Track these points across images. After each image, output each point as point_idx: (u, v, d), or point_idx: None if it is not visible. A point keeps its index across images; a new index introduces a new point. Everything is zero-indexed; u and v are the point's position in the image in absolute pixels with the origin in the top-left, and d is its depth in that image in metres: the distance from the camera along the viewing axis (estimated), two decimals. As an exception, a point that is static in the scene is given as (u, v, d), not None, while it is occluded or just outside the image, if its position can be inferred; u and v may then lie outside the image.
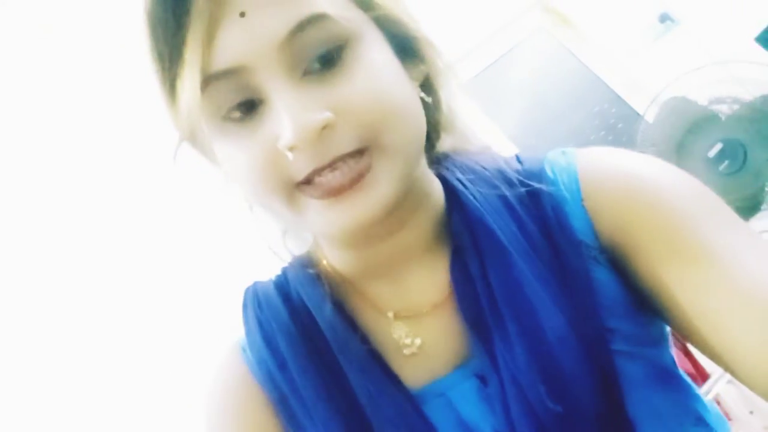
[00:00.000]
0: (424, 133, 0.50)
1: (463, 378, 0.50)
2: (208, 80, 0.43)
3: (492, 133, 2.28)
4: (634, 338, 0.49)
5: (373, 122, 0.43)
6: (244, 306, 0.58)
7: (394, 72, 0.47)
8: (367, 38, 0.46)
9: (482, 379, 0.49)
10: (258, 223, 0.55)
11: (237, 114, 0.44)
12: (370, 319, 0.54)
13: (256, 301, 0.57)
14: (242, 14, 0.42)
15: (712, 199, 0.49)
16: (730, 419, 1.64)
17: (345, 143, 0.43)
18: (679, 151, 1.88)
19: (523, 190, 0.53)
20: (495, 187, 0.54)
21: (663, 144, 1.89)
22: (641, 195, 0.49)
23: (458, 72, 0.56)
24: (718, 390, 1.69)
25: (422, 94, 0.52)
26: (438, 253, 0.54)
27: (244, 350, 0.56)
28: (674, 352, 0.54)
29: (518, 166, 0.56)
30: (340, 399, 0.50)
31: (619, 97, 2.32)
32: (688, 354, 1.75)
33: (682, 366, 0.61)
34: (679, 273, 0.46)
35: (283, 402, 0.53)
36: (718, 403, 1.67)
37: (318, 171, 0.43)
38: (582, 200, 0.51)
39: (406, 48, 0.50)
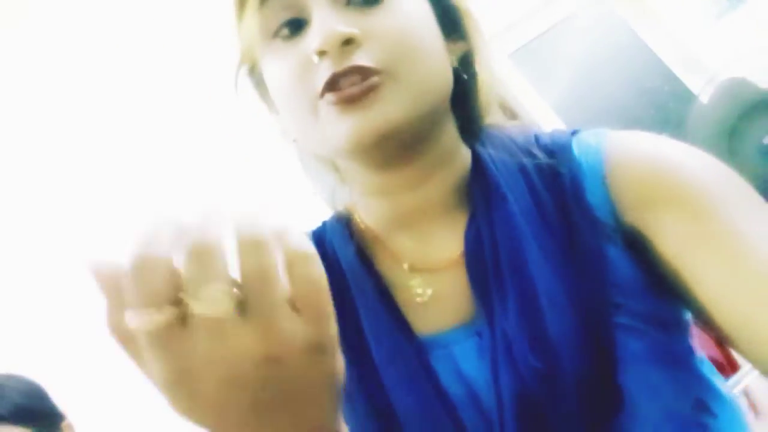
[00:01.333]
0: (444, 89, 0.54)
1: (466, 334, 0.53)
2: (264, 1, 0.52)
3: (538, 106, 2.23)
4: (642, 316, 0.50)
5: (394, 52, 0.50)
6: None
7: (427, 26, 0.53)
8: None
9: (482, 338, 0.52)
10: (311, 179, 0.63)
11: (285, 31, 0.52)
12: (389, 268, 0.59)
13: None
14: None
15: (738, 185, 0.50)
16: (757, 412, 1.61)
17: (363, 58, 0.49)
18: (731, 135, 1.81)
19: (544, 162, 0.56)
20: (518, 158, 0.57)
21: (715, 127, 1.82)
22: (666, 177, 0.50)
23: (507, 41, 0.61)
24: (747, 382, 1.66)
25: (458, 70, 0.57)
26: (458, 215, 0.57)
27: None
28: (704, 339, 0.54)
29: (547, 141, 0.58)
30: (351, 337, 0.54)
31: (673, 74, 2.24)
32: (720, 343, 1.72)
33: (712, 354, 0.61)
34: (701, 257, 0.47)
35: None
36: (747, 395, 1.64)
37: (337, 76, 0.49)
38: (604, 178, 0.53)
39: (449, 20, 0.56)
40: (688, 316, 0.53)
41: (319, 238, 0.64)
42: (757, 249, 0.44)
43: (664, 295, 0.51)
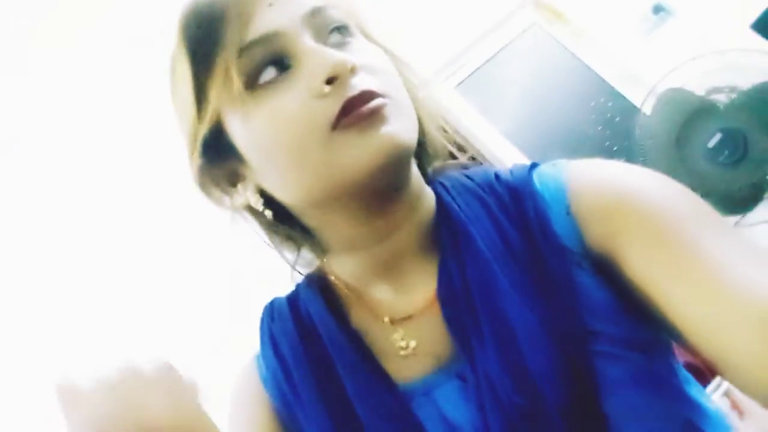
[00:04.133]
0: (417, 125, 0.55)
1: (447, 378, 0.53)
2: (243, 49, 0.49)
3: (489, 134, 2.27)
4: (620, 341, 0.50)
5: (385, 79, 0.52)
6: (261, 320, 0.64)
7: (392, 67, 0.56)
8: (360, 34, 0.56)
9: (463, 379, 0.52)
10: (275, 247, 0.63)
11: (272, 73, 0.50)
12: (369, 325, 0.58)
13: (270, 315, 0.63)
14: (270, 4, 0.51)
15: (700, 206, 0.51)
16: (741, 413, 1.61)
17: (369, 83, 0.50)
18: (678, 142, 1.86)
19: (506, 198, 0.56)
20: (480, 197, 0.57)
21: (661, 136, 1.87)
22: (629, 203, 0.50)
23: (452, 73, 0.63)
24: (728, 384, 1.67)
25: None
26: (428, 259, 0.57)
27: (258, 361, 0.63)
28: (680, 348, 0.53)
29: (508, 177, 0.59)
30: (334, 401, 0.54)
31: (615, 90, 2.31)
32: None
33: (690, 361, 0.60)
34: (668, 280, 0.47)
35: (287, 407, 0.59)
36: (728, 396, 1.65)
37: (350, 103, 0.48)
38: (568, 207, 0.53)
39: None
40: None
41: (293, 302, 0.63)
42: (723, 269, 0.44)
43: (640, 318, 0.51)
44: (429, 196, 0.60)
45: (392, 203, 0.55)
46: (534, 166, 0.59)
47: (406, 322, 0.57)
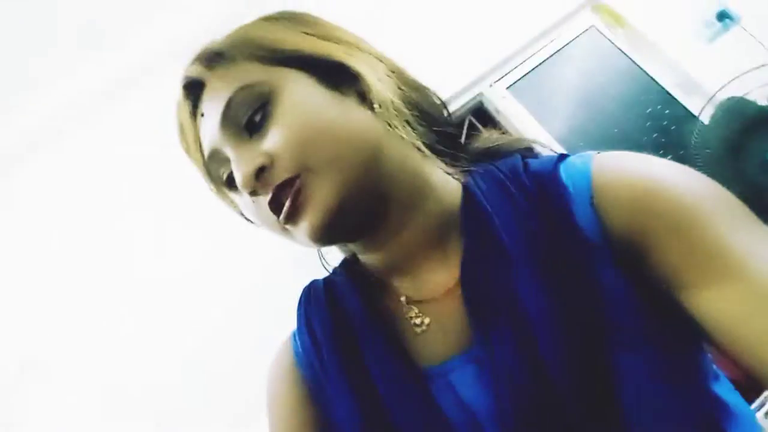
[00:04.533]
0: (369, 144, 0.56)
1: (465, 362, 0.55)
2: (206, 161, 0.60)
3: (540, 137, 2.25)
4: (639, 334, 0.50)
5: (299, 153, 0.54)
6: (299, 300, 0.68)
7: (319, 102, 0.56)
8: (288, 85, 0.56)
9: (480, 365, 0.53)
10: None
11: (229, 183, 0.60)
12: (390, 306, 0.62)
13: (308, 296, 0.67)
14: (202, 115, 0.59)
15: (732, 203, 0.50)
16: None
17: (279, 175, 0.54)
18: (735, 153, 1.82)
19: (532, 189, 0.57)
20: (505, 187, 0.58)
21: (718, 146, 1.83)
22: (655, 196, 0.50)
23: (506, 74, 0.64)
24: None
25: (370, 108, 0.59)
26: (449, 246, 0.60)
27: (293, 338, 0.67)
28: (725, 361, 0.53)
29: (536, 167, 0.59)
30: (357, 376, 0.57)
31: (673, 97, 2.26)
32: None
33: (733, 377, 0.60)
34: (695, 276, 0.47)
35: (317, 382, 0.62)
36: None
37: (274, 207, 0.55)
38: (592, 198, 0.53)
39: (334, 74, 0.58)
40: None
41: (329, 285, 0.67)
42: (756, 267, 0.44)
43: (663, 312, 0.51)
44: (449, 190, 0.62)
45: (378, 221, 0.59)
46: (563, 157, 0.59)
47: (423, 303, 0.60)
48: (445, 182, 0.62)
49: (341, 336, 0.60)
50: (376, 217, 0.58)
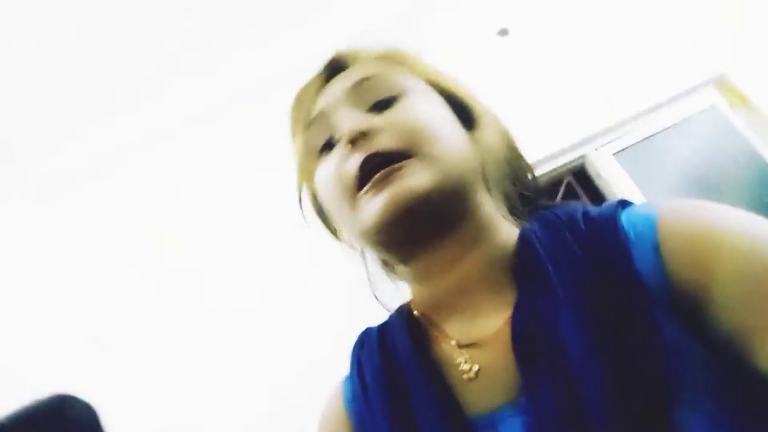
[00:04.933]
0: (467, 167, 0.60)
1: (513, 413, 0.53)
2: (308, 125, 0.64)
3: (641, 206, 2.16)
4: (702, 388, 0.47)
5: (409, 134, 0.57)
6: (354, 346, 0.70)
7: (438, 113, 0.62)
8: (420, 93, 0.62)
9: (528, 416, 0.51)
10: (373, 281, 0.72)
11: (324, 150, 0.63)
12: (440, 351, 0.61)
13: (361, 342, 0.69)
14: (330, 84, 0.66)
15: None
16: None
17: (386, 143, 0.57)
18: None
19: (588, 235, 0.56)
20: (561, 233, 0.57)
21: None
22: (725, 250, 0.49)
23: (615, 139, 0.65)
24: None
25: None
26: (501, 291, 0.59)
27: (345, 384, 0.68)
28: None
29: (595, 214, 0.58)
30: (403, 424, 0.56)
31: (793, 190, 2.12)
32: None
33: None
34: (763, 331, 0.45)
35: (363, 427, 0.62)
36: None
37: (365, 164, 0.56)
38: (657, 244, 0.52)
39: (465, 116, 0.65)
40: None
41: (383, 331, 0.67)
42: None
43: (730, 367, 0.48)
44: (508, 230, 0.63)
45: (441, 238, 0.59)
46: (625, 203, 0.59)
47: (473, 348, 0.58)
48: (506, 227, 0.63)
49: (390, 382, 0.60)
50: (446, 232, 0.59)
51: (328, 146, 0.62)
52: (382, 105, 0.61)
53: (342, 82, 0.64)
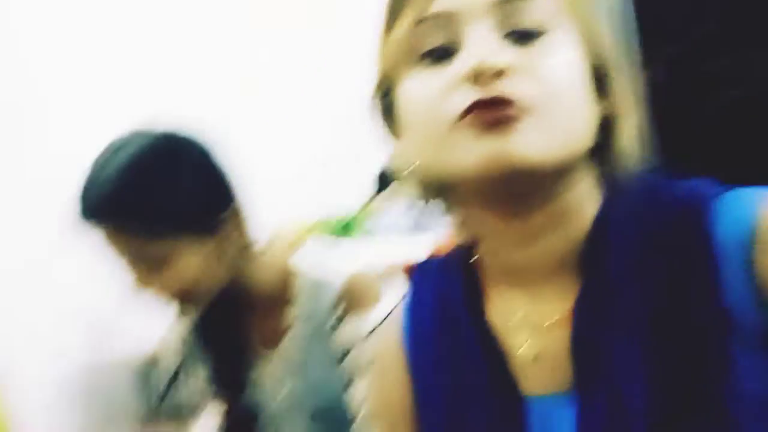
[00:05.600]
0: (584, 139, 0.51)
1: (566, 404, 0.51)
2: (421, 20, 0.50)
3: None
4: None
5: (542, 89, 0.47)
6: (414, 275, 0.66)
7: (577, 73, 0.50)
8: (567, 39, 0.50)
9: (576, 410, 0.50)
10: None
11: (434, 56, 0.50)
12: (501, 324, 0.56)
13: (421, 277, 0.65)
14: None
15: None
16: None
17: (512, 90, 0.46)
18: None
19: (672, 235, 0.50)
20: (643, 229, 0.51)
21: None
22: None
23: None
24: None
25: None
26: (568, 276, 0.54)
27: (404, 313, 0.64)
28: None
29: (683, 204, 0.51)
30: (456, 388, 0.56)
31: None
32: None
33: None
34: None
35: (416, 367, 0.61)
36: None
37: (478, 104, 0.46)
38: (751, 260, 0.45)
39: (598, 78, 0.53)
40: None
41: (441, 272, 0.63)
42: None
43: None
44: (592, 210, 0.55)
45: (532, 209, 0.51)
46: (719, 191, 0.51)
47: (533, 332, 0.55)
48: (589, 204, 0.55)
49: (446, 338, 0.58)
50: (539, 204, 0.51)
51: (439, 54, 0.50)
52: (524, 35, 0.49)
53: None
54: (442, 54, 0.50)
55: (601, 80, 0.53)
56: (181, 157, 0.91)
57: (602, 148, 0.53)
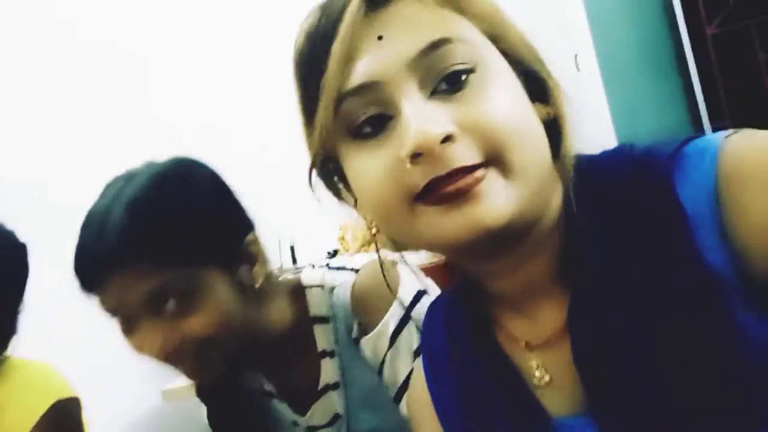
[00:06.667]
0: (547, 165, 0.50)
1: (586, 423, 0.50)
2: (343, 97, 0.48)
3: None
4: None
5: (496, 141, 0.45)
6: (423, 325, 0.67)
7: (520, 101, 0.49)
8: (494, 67, 0.49)
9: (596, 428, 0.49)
10: None
11: (368, 129, 0.48)
12: (510, 350, 0.56)
13: (429, 321, 0.66)
14: (380, 38, 0.47)
15: None
16: None
17: (465, 156, 0.45)
18: None
19: (640, 205, 0.47)
20: (610, 211, 0.49)
21: None
22: None
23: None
24: None
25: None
26: (563, 290, 0.52)
27: (423, 358, 0.65)
28: None
29: (644, 167, 0.49)
30: (476, 421, 0.56)
31: None
32: None
33: None
34: None
35: (438, 401, 0.61)
36: None
37: (436, 180, 0.45)
38: (719, 214, 0.43)
39: (533, 87, 0.52)
40: None
41: (447, 312, 0.63)
42: None
43: None
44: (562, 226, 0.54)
45: (510, 249, 0.50)
46: (680, 150, 0.47)
47: (540, 350, 0.54)
48: (561, 218, 0.53)
49: (459, 377, 0.58)
50: (519, 243, 0.50)
51: (374, 124, 0.48)
52: (453, 80, 0.46)
53: (396, 44, 0.47)
54: (375, 126, 0.48)
55: (536, 87, 0.52)
56: (196, 179, 0.81)
57: (552, 149, 0.51)
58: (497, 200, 0.45)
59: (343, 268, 0.90)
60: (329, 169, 0.56)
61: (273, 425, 0.97)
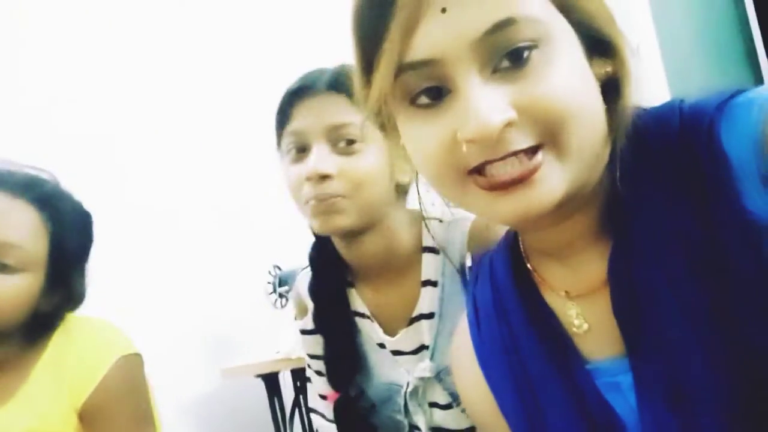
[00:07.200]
0: (602, 140, 0.49)
1: (626, 367, 0.51)
2: (402, 68, 0.47)
3: None
4: None
5: (553, 123, 0.45)
6: (470, 279, 0.69)
7: (580, 75, 0.47)
8: (560, 41, 0.47)
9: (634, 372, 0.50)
10: None
11: (425, 100, 0.48)
12: (550, 299, 0.58)
13: (476, 276, 0.67)
14: (443, 10, 0.45)
15: None
16: None
17: (521, 140, 0.45)
18: None
19: (686, 162, 0.48)
20: (654, 169, 0.50)
21: None
22: None
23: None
24: None
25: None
26: (604, 241, 0.54)
27: (468, 310, 0.66)
28: None
29: (690, 122, 0.49)
30: (517, 370, 0.57)
31: None
32: None
33: None
34: None
35: (480, 349, 0.62)
36: None
37: (489, 162, 0.46)
38: (763, 166, 0.43)
39: (597, 45, 0.50)
40: None
41: (492, 265, 0.65)
42: None
43: None
44: (608, 185, 0.54)
45: (551, 221, 0.51)
46: (728, 100, 0.47)
47: (580, 299, 0.55)
48: (605, 176, 0.54)
49: (502, 328, 0.60)
50: (564, 208, 0.49)
51: (432, 95, 0.48)
52: (513, 57, 0.45)
53: (459, 21, 0.45)
54: (433, 97, 0.48)
55: (598, 42, 0.50)
56: None
57: (610, 103, 0.50)
58: (551, 184, 0.45)
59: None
60: (383, 121, 0.57)
61: (361, 344, 1.01)
